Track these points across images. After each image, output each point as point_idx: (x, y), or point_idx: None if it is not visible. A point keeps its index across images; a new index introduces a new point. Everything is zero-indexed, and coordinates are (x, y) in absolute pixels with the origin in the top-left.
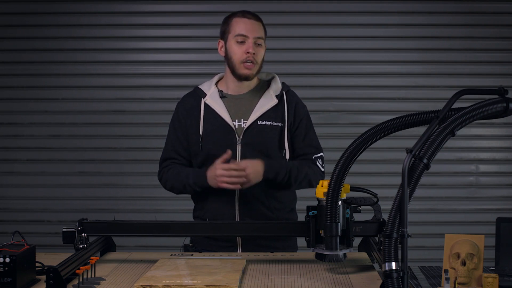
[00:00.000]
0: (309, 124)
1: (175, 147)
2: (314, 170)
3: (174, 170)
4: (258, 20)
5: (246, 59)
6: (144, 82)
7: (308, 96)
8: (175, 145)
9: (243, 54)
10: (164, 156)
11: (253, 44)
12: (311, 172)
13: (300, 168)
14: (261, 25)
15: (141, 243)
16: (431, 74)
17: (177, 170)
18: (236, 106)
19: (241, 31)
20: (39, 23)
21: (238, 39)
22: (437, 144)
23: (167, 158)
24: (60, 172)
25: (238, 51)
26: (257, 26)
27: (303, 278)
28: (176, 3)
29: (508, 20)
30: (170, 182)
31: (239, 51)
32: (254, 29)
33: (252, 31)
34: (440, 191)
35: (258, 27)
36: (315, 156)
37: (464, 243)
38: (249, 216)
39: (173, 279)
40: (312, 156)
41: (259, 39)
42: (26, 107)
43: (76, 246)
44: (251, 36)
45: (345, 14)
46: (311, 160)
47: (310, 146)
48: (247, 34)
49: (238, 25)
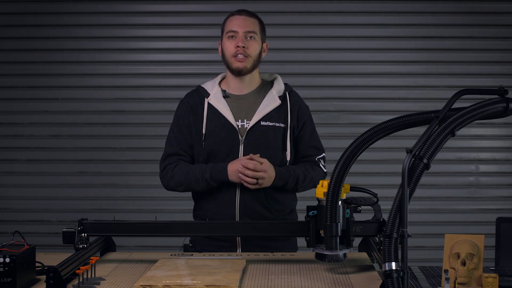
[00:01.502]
0: (312, 125)
1: (180, 143)
2: (318, 172)
3: (183, 166)
4: (252, 17)
5: (236, 52)
6: (144, 82)
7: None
8: (180, 141)
9: (234, 48)
10: (168, 152)
11: (243, 38)
12: (315, 175)
13: (306, 173)
14: (255, 21)
15: (141, 243)
16: (431, 74)
17: (187, 166)
18: (239, 106)
19: (232, 27)
20: (39, 23)
21: (229, 34)
22: (437, 144)
23: (172, 153)
24: (60, 172)
25: (230, 46)
26: (249, 22)
27: (303, 278)
28: (176, 3)
29: (508, 20)
30: (177, 178)
31: (230, 46)
32: (244, 24)
33: (242, 26)
34: (440, 191)
35: (250, 22)
36: (318, 157)
37: (464, 243)
38: (249, 217)
39: (173, 279)
40: (315, 158)
41: (250, 33)
42: (26, 107)
43: (76, 246)
44: (241, 31)
45: (345, 14)
46: (314, 162)
47: (313, 148)
48: (236, 29)
49: (230, 22)
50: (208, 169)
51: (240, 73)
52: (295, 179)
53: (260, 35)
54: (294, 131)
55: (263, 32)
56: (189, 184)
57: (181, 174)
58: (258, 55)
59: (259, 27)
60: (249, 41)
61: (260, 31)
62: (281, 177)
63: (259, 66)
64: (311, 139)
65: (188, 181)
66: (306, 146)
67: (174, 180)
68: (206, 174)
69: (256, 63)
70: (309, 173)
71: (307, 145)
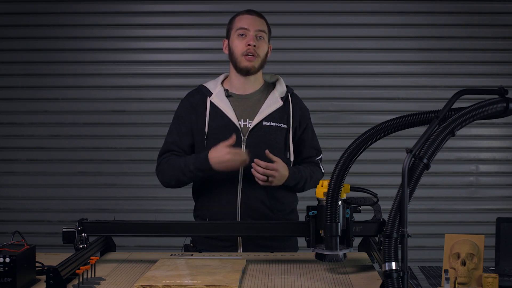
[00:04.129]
0: (312, 127)
1: (177, 142)
2: (319, 173)
3: (172, 160)
4: (261, 17)
5: (247, 51)
6: (144, 82)
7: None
8: (177, 139)
9: (244, 46)
10: (164, 149)
11: (254, 37)
12: (318, 176)
13: (312, 174)
14: (264, 21)
15: (141, 243)
16: (431, 74)
17: (175, 159)
18: (241, 106)
19: (243, 25)
20: (39, 23)
21: (239, 32)
22: (437, 144)
23: (167, 150)
24: (60, 172)
25: (240, 44)
26: (259, 21)
27: (303, 278)
28: (176, 3)
29: (508, 20)
30: (167, 172)
31: (240, 44)
32: (255, 23)
33: (253, 24)
34: (440, 191)
35: (260, 22)
36: (317, 159)
37: (464, 243)
38: (250, 217)
39: (173, 279)
40: (315, 159)
41: (260, 32)
42: (26, 107)
43: (76, 246)
44: (252, 29)
45: (345, 14)
46: (315, 163)
47: (315, 150)
48: (248, 27)
49: (240, 21)
50: (192, 159)
51: (248, 73)
52: (304, 180)
53: (268, 35)
54: (296, 133)
55: (269, 33)
56: (178, 177)
57: (169, 167)
58: (265, 55)
59: (267, 28)
60: (259, 40)
61: (268, 32)
62: (294, 177)
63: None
64: (313, 141)
65: (176, 173)
66: (309, 148)
67: (165, 175)
68: (190, 165)
69: (263, 63)
70: (314, 174)
71: (309, 147)
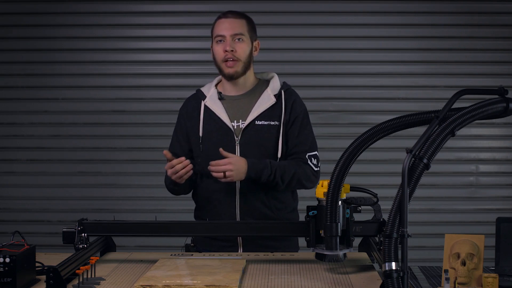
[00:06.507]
0: (305, 122)
1: (175, 151)
2: (305, 169)
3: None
4: (240, 18)
5: (225, 57)
6: (145, 82)
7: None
8: (175, 148)
9: (222, 52)
10: None
11: (231, 41)
12: (300, 172)
13: (287, 168)
14: (242, 21)
15: (141, 243)
16: (431, 74)
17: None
18: (234, 107)
19: (219, 31)
20: (39, 23)
21: (217, 39)
22: (437, 144)
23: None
24: (60, 172)
25: (218, 51)
26: (236, 24)
27: (303, 278)
28: (176, 3)
29: (508, 20)
30: (166, 184)
31: (219, 50)
32: (231, 27)
33: (229, 29)
34: (440, 191)
35: (237, 24)
36: (309, 155)
37: (464, 243)
38: (250, 216)
39: (173, 279)
40: (305, 155)
41: (237, 35)
42: (26, 107)
43: (76, 246)
44: (228, 34)
45: (345, 14)
46: (302, 160)
47: (303, 144)
48: (223, 33)
49: (217, 26)
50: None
51: (232, 78)
52: (272, 172)
53: (249, 34)
54: (286, 127)
55: (252, 31)
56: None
57: (166, 179)
58: (248, 56)
59: (247, 27)
60: (237, 43)
61: (249, 31)
62: (253, 168)
63: (253, 66)
64: (302, 136)
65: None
66: (295, 142)
67: (166, 186)
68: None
69: (248, 64)
70: (291, 168)
71: (296, 141)
